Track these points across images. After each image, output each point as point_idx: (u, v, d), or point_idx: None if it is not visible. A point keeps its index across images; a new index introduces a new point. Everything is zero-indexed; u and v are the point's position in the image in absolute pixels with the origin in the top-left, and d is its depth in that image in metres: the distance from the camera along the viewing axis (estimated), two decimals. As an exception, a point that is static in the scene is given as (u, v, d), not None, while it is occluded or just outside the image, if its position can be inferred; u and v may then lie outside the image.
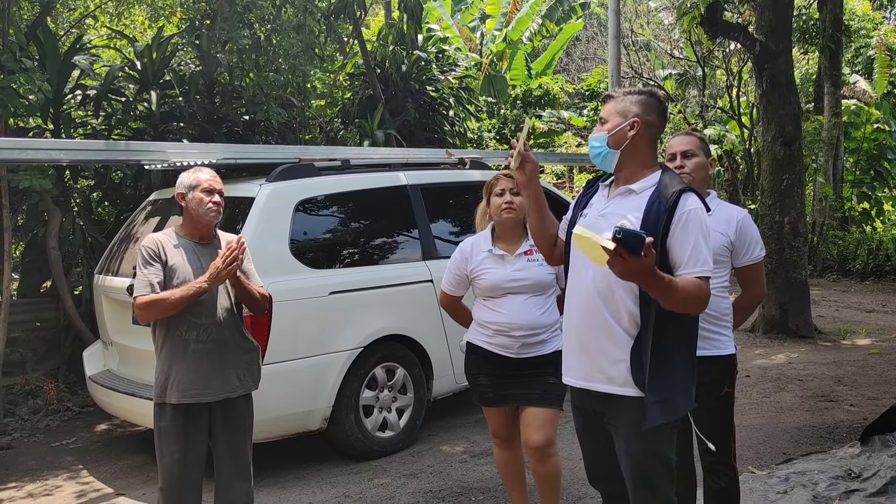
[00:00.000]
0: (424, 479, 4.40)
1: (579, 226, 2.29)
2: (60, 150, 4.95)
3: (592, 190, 2.56)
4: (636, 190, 2.39)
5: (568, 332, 2.51)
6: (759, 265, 3.02)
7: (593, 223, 2.38)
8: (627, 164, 2.41)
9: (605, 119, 2.44)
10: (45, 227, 6.49)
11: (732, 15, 11.97)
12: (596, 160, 2.47)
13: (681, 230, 2.28)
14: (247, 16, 7.77)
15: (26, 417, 5.83)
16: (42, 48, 6.60)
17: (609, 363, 2.35)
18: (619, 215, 2.35)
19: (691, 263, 2.26)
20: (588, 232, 2.11)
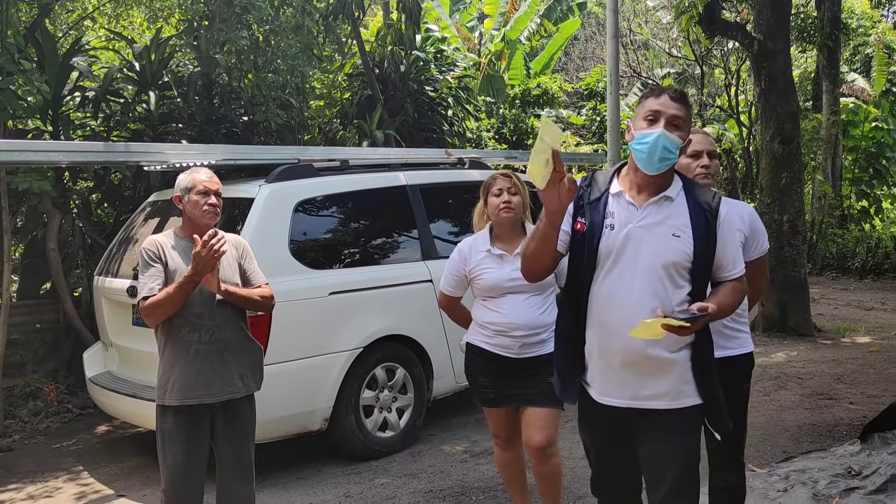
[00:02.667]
0: (425, 478, 4.40)
1: (644, 322, 2.15)
2: (59, 152, 4.95)
3: (600, 197, 2.36)
4: (672, 196, 2.32)
5: (601, 349, 2.35)
6: (764, 258, 3.06)
7: (637, 236, 2.28)
8: (666, 173, 2.32)
9: (681, 121, 2.28)
10: (44, 229, 6.49)
11: (730, 13, 11.98)
12: (652, 164, 2.26)
13: (727, 235, 2.34)
14: (245, 17, 7.77)
15: (26, 419, 5.83)
16: (40, 50, 6.60)
17: (655, 383, 2.31)
18: (668, 226, 2.28)
19: (735, 264, 2.35)
20: (651, 321, 2.14)
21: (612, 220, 2.32)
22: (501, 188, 3.31)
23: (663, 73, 17.19)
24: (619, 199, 2.34)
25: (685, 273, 2.28)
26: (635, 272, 2.27)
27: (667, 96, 2.29)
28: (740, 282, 2.37)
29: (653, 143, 2.23)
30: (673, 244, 2.27)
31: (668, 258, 2.26)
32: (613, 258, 2.29)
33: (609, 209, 2.33)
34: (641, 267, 2.27)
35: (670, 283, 2.27)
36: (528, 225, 3.37)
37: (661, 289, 2.26)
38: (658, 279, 2.26)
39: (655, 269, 2.26)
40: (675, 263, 2.26)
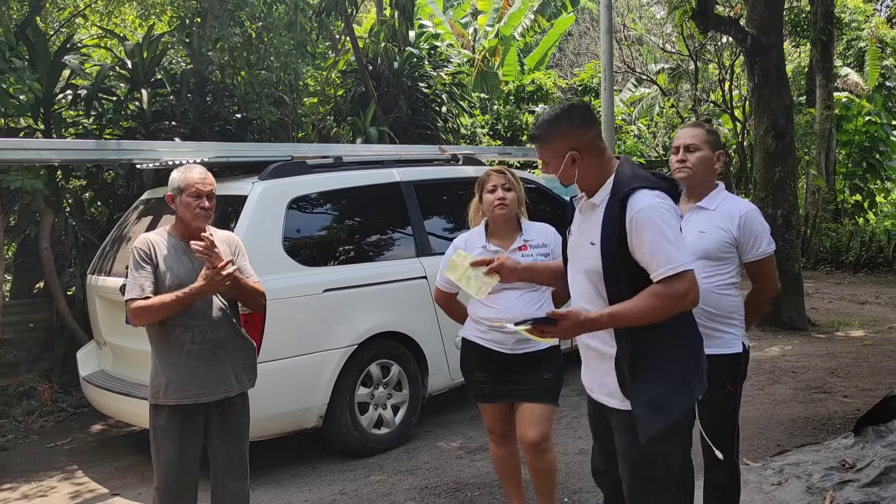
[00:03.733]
0: (420, 475, 4.40)
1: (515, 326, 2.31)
2: (51, 150, 4.93)
3: (572, 206, 2.56)
4: (596, 203, 2.36)
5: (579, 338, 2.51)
6: (767, 260, 2.94)
7: (576, 244, 2.47)
8: (585, 183, 2.36)
9: (545, 160, 2.41)
10: (37, 228, 6.46)
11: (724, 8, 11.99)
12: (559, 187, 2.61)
13: (636, 234, 2.20)
14: (237, 14, 7.74)
15: (20, 419, 5.81)
16: (32, 48, 6.56)
17: (601, 376, 2.40)
18: (588, 234, 2.36)
19: (654, 265, 2.19)
20: (503, 323, 2.59)
21: (571, 228, 2.53)
22: (496, 184, 3.30)
23: (657, 69, 17.20)
24: (577, 208, 2.50)
25: (601, 281, 2.31)
26: (574, 277, 2.47)
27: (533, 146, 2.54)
28: (664, 284, 2.18)
29: None
30: (589, 252, 2.33)
31: (587, 266, 2.36)
32: (570, 262, 2.51)
33: (573, 219, 2.53)
34: (577, 273, 2.44)
35: (594, 290, 2.35)
36: (524, 220, 3.37)
37: (590, 294, 2.37)
38: (586, 285, 2.38)
39: (583, 276, 2.39)
40: (592, 271, 2.33)
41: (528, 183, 5.35)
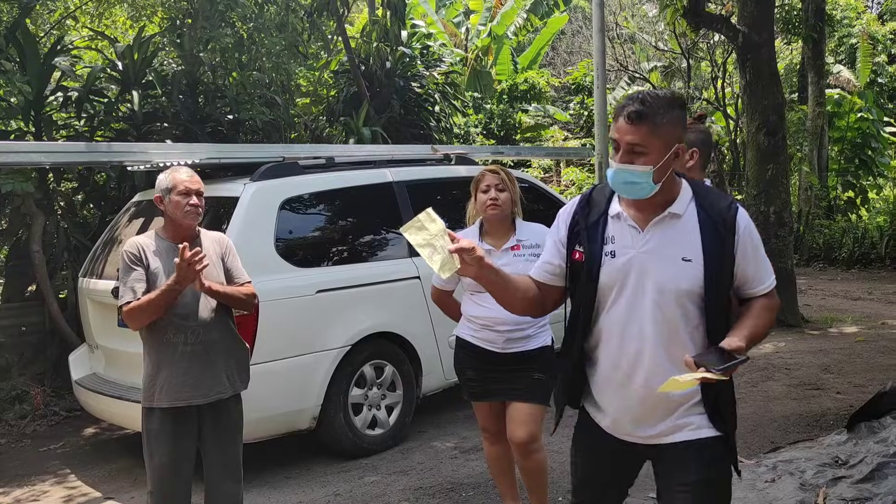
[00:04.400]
0: (415, 475, 4.39)
1: (675, 379, 1.85)
2: (41, 153, 4.91)
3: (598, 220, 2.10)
4: (679, 213, 2.03)
5: (614, 386, 2.12)
6: None
7: (641, 263, 2.02)
8: (665, 189, 2.01)
9: (641, 147, 1.94)
10: (28, 231, 6.43)
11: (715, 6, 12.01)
12: (625, 191, 2.03)
13: (750, 249, 2.05)
14: (228, 14, 7.72)
15: (13, 423, 5.78)
16: (22, 50, 6.53)
17: (670, 411, 2.06)
18: (673, 249, 2.01)
19: (762, 279, 2.08)
20: (685, 378, 1.84)
21: (613, 245, 2.06)
22: (489, 184, 3.30)
23: (650, 67, 17.22)
24: (620, 221, 2.07)
25: (700, 302, 2.00)
26: (643, 305, 2.02)
27: (623, 120, 1.96)
28: (770, 297, 2.10)
29: (612, 180, 2.01)
30: (682, 270, 1.98)
31: (677, 286, 1.99)
32: (617, 290, 2.04)
33: (608, 234, 2.07)
34: (649, 299, 2.00)
35: (682, 316, 2.00)
36: (518, 220, 3.37)
37: (674, 322, 2.00)
38: (669, 312, 2.00)
39: (665, 301, 2.00)
40: (688, 292, 1.99)
41: (523, 182, 5.35)
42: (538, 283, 2.21)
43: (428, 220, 2.06)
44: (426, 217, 2.07)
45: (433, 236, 2.04)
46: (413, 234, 2.05)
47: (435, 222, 2.05)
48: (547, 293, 2.21)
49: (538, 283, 2.21)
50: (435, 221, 2.05)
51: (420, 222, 2.06)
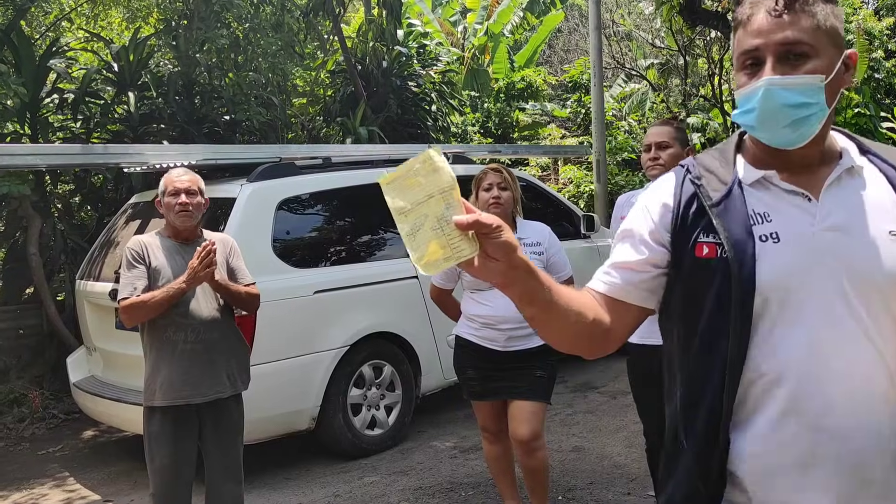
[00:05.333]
0: (414, 475, 4.39)
1: None
2: (37, 156, 4.89)
3: (729, 192, 1.29)
4: (858, 165, 1.33)
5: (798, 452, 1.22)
6: None
7: (829, 245, 1.23)
8: (826, 129, 1.32)
9: (806, 45, 1.24)
10: (25, 234, 6.42)
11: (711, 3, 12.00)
12: (784, 125, 1.25)
13: None
14: (224, 15, 7.70)
15: (11, 426, 5.77)
16: (17, 52, 6.51)
17: None
18: (874, 220, 1.26)
19: None
20: None
21: (770, 225, 1.26)
22: (492, 183, 3.30)
23: (647, 64, 17.21)
24: (769, 188, 1.31)
25: None
26: (842, 310, 1.22)
27: (765, 14, 1.25)
28: None
29: (763, 108, 1.24)
30: (887, 251, 1.23)
31: (886, 272, 1.22)
32: (795, 290, 1.23)
33: (757, 208, 1.28)
34: (852, 301, 1.22)
35: (886, 311, 1.23)
36: (519, 219, 3.36)
37: (880, 321, 1.22)
38: (874, 306, 1.22)
39: (877, 299, 1.22)
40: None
41: (522, 181, 5.34)
42: (607, 300, 1.32)
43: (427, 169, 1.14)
44: (425, 163, 1.14)
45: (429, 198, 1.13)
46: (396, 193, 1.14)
47: (438, 173, 1.13)
48: (619, 316, 1.32)
49: (608, 299, 1.33)
50: (439, 172, 1.13)
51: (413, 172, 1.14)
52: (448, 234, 1.11)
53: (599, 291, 1.35)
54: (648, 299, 1.35)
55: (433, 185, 1.12)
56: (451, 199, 1.12)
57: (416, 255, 1.12)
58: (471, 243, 1.11)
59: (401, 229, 1.13)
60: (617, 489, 3.96)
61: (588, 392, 5.80)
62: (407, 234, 1.13)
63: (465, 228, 1.10)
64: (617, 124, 15.31)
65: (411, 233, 1.12)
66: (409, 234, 1.12)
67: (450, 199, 1.12)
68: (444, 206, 1.12)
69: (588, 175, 11.43)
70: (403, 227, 1.13)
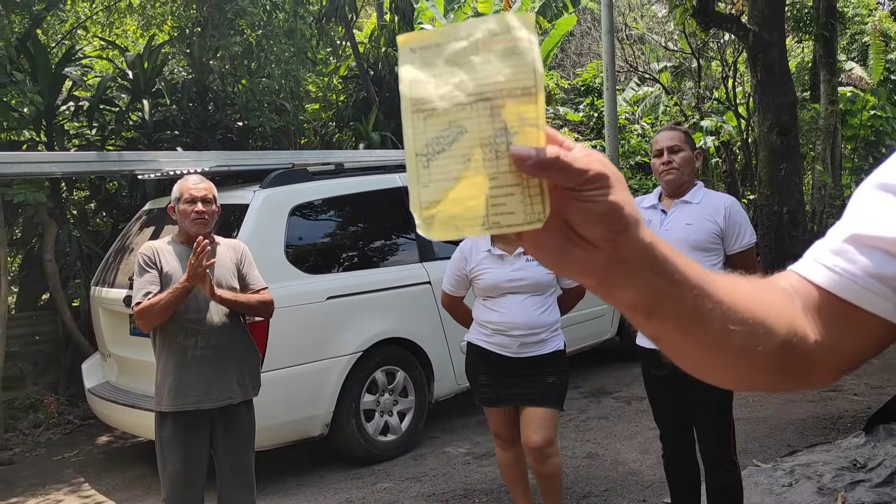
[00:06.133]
0: (427, 482, 4.37)
1: None
2: (52, 163, 4.93)
3: None
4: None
5: None
6: (751, 251, 3.00)
7: None
8: None
9: None
10: (41, 240, 6.47)
11: (725, 5, 11.94)
12: None
13: None
14: (237, 22, 7.75)
15: (27, 432, 5.81)
16: (33, 60, 6.58)
17: None
18: None
19: None
20: None
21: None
22: None
23: (660, 67, 17.15)
24: None
25: None
26: None
27: None
28: None
29: None
30: None
31: None
32: None
33: None
34: None
35: None
36: None
37: None
38: None
39: None
40: None
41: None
42: (828, 301, 0.75)
43: (497, 43, 0.59)
44: (497, 34, 0.59)
45: (481, 99, 0.59)
46: (423, 67, 0.60)
47: (517, 57, 0.59)
48: (843, 332, 0.75)
49: (831, 299, 0.75)
50: (519, 55, 0.59)
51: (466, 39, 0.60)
52: (494, 175, 0.58)
53: (815, 283, 0.75)
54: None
55: (497, 76, 0.58)
56: (521, 112, 0.58)
57: (422, 196, 0.60)
58: (532, 202, 0.59)
59: (408, 139, 0.60)
60: (632, 496, 3.92)
61: (602, 397, 5.76)
62: (417, 154, 0.60)
63: (532, 171, 0.58)
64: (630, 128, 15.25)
65: (427, 153, 0.60)
66: (422, 156, 0.60)
67: (521, 111, 0.58)
68: (503, 122, 0.58)
69: (601, 179, 11.35)
70: (416, 136, 0.60)
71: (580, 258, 0.62)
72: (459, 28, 0.60)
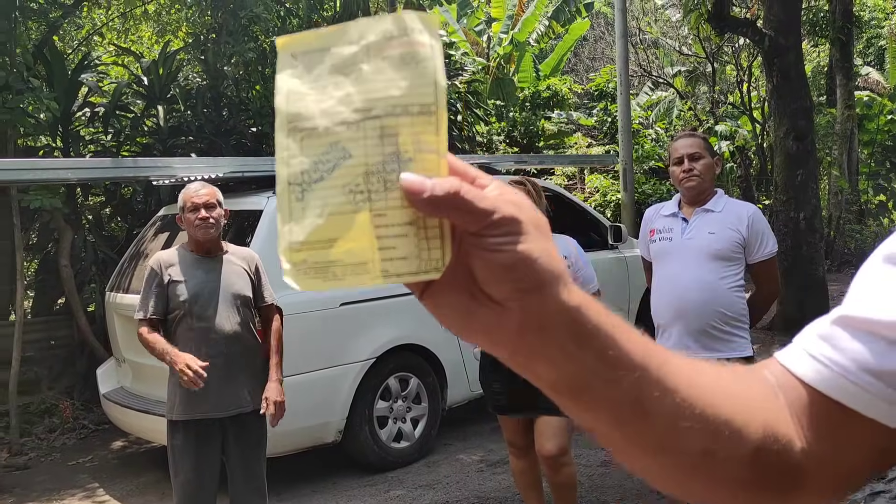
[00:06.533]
0: (441, 489, 4.35)
1: None
2: (69, 170, 4.97)
3: None
4: None
5: None
6: (772, 260, 2.97)
7: None
8: None
9: None
10: (56, 245, 6.51)
11: (740, 10, 11.88)
12: None
13: None
14: (251, 28, 7.78)
15: (42, 436, 5.84)
16: (49, 67, 6.64)
17: None
18: None
19: None
20: None
21: None
22: None
23: (674, 72, 17.08)
24: None
25: None
26: None
27: None
28: None
29: None
30: None
31: None
32: None
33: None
34: None
35: None
36: None
37: None
38: None
39: None
40: None
41: (547, 192, 5.31)
42: (817, 401, 0.59)
43: (390, 49, 0.49)
44: (393, 37, 0.49)
45: (369, 117, 0.49)
46: (304, 74, 0.51)
47: (416, 67, 0.48)
48: (835, 438, 0.58)
49: (819, 398, 0.59)
50: (419, 65, 0.48)
51: (354, 44, 0.50)
52: (383, 211, 0.48)
53: (799, 376, 0.60)
54: None
55: (390, 90, 0.48)
56: (418, 134, 0.48)
57: (292, 234, 0.49)
58: (430, 246, 0.48)
59: (280, 163, 0.50)
60: (647, 506, 3.89)
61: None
62: (290, 183, 0.50)
63: (425, 208, 0.47)
64: (644, 132, 15.19)
65: (302, 182, 0.49)
66: (296, 185, 0.49)
67: (418, 133, 0.48)
68: (395, 146, 0.48)
69: (614, 184, 11.33)
70: (291, 160, 0.50)
71: (486, 322, 0.51)
72: (349, 29, 0.50)
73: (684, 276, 2.87)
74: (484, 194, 0.49)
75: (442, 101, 0.48)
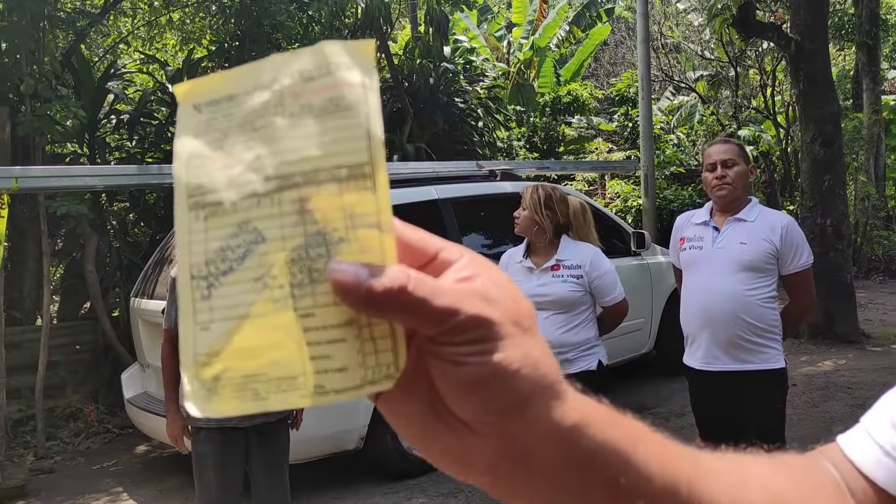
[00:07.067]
0: (464, 497, 4.32)
1: None
2: (95, 177, 5.03)
3: None
4: None
5: None
6: (807, 272, 2.92)
7: None
8: None
9: None
10: (82, 251, 6.59)
11: (765, 14, 11.76)
12: None
13: None
14: (274, 36, 7.84)
15: (67, 440, 5.89)
16: (77, 75, 6.73)
17: None
18: None
19: None
20: None
21: None
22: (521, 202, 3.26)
23: (696, 76, 16.95)
24: None
25: None
26: None
27: None
28: None
29: None
30: None
31: None
32: None
33: None
34: None
35: None
36: (566, 239, 3.22)
37: None
38: None
39: None
40: None
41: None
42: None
43: (310, 94, 0.38)
44: (312, 78, 0.38)
45: (285, 187, 0.37)
46: (208, 135, 0.39)
47: (344, 116, 0.37)
48: None
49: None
50: (347, 112, 0.37)
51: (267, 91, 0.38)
52: (310, 310, 0.36)
53: (865, 473, 0.53)
54: None
55: (309, 149, 0.37)
56: (349, 205, 0.36)
57: (198, 344, 0.38)
58: (377, 349, 0.37)
59: (182, 249, 0.39)
60: (673, 517, 3.83)
61: (640, 413, 5.64)
62: (193, 277, 0.38)
63: (362, 308, 0.36)
64: (665, 138, 15.09)
65: (207, 275, 0.38)
66: (200, 279, 0.38)
67: (348, 204, 0.37)
68: (318, 224, 0.37)
69: (636, 189, 11.25)
70: (193, 246, 0.39)
71: (450, 446, 0.38)
72: (262, 70, 0.39)
73: (713, 285, 2.83)
74: (441, 286, 0.36)
75: (379, 156, 0.36)
